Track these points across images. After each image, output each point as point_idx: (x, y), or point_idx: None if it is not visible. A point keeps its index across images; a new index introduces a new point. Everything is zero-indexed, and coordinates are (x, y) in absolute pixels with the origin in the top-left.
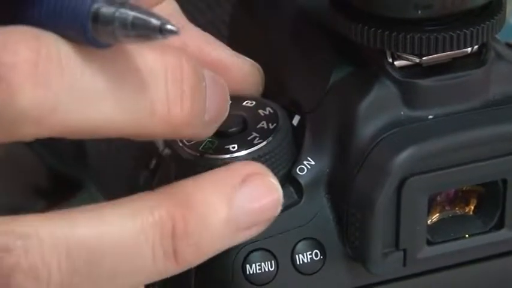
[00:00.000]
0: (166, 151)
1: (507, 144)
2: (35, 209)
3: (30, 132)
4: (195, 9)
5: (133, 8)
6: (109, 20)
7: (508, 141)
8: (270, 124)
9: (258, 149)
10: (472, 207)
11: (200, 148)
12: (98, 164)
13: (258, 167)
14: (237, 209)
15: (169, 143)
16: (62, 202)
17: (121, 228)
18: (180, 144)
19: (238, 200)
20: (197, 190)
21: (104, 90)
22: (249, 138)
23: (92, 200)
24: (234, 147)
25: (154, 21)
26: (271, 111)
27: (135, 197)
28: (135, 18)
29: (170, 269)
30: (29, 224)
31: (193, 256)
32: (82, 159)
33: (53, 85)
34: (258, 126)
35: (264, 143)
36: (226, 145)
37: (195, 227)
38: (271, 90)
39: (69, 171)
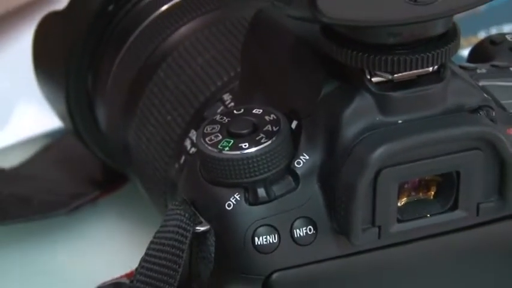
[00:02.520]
0: (193, 150)
1: (459, 144)
2: (92, 196)
3: None
4: (214, 38)
5: None
6: None
7: (460, 141)
8: (273, 127)
9: (264, 147)
10: (433, 193)
11: (219, 146)
12: (140, 160)
13: None
14: None
15: (196, 144)
16: (112, 191)
17: None
18: (204, 144)
19: None
20: None
21: None
22: (257, 138)
23: (135, 189)
24: (245, 145)
25: None
26: (275, 117)
27: None
28: None
29: None
30: None
31: None
32: (128, 157)
33: None
34: (265, 129)
35: (269, 142)
36: (239, 144)
37: None
38: (275, 101)
39: (118, 167)
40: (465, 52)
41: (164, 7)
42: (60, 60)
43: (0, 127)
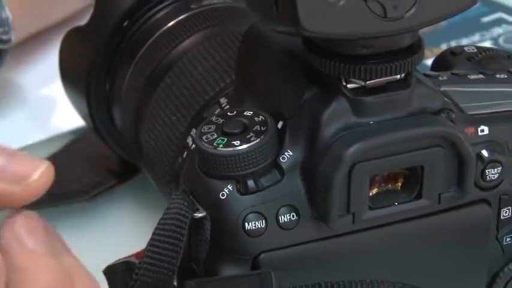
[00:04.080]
0: (193, 146)
1: (423, 142)
2: (110, 185)
3: None
4: (213, 50)
5: None
6: None
7: (424, 139)
8: (262, 127)
9: (253, 144)
10: (400, 184)
11: (214, 143)
12: (149, 155)
13: None
14: None
15: (195, 141)
16: (127, 180)
17: None
18: (202, 142)
19: None
20: None
21: None
22: (247, 137)
23: (146, 179)
24: (237, 143)
25: None
26: (263, 118)
27: None
28: None
29: None
30: None
31: None
32: (139, 152)
33: None
34: (254, 128)
35: (258, 140)
36: (232, 141)
37: None
38: (263, 104)
39: (131, 160)
40: (429, 61)
41: (171, 23)
42: (82, 70)
43: (35, 125)
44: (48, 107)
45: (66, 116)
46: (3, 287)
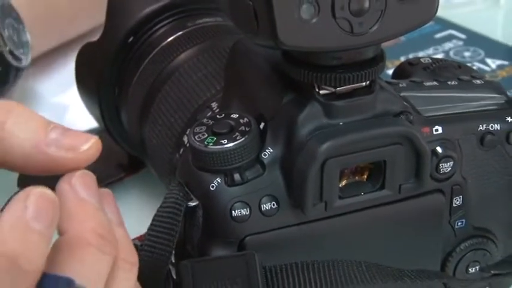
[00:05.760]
0: (188, 143)
1: (385, 140)
2: (119, 176)
3: None
4: (206, 62)
5: None
6: None
7: (386, 137)
8: (246, 128)
9: (239, 143)
10: (366, 176)
11: (205, 142)
12: (152, 151)
13: None
14: None
15: (189, 139)
16: (133, 173)
17: None
18: (194, 140)
19: None
20: None
21: None
22: (234, 136)
23: (150, 172)
24: (225, 141)
25: None
26: (247, 120)
27: None
28: None
29: None
30: None
31: None
32: (144, 149)
33: None
34: (239, 129)
35: (243, 139)
36: (220, 140)
37: None
38: (248, 107)
39: (138, 155)
40: (390, 71)
41: (169, 39)
42: (94, 78)
43: None
44: (66, 110)
45: (81, 118)
46: (54, 226)
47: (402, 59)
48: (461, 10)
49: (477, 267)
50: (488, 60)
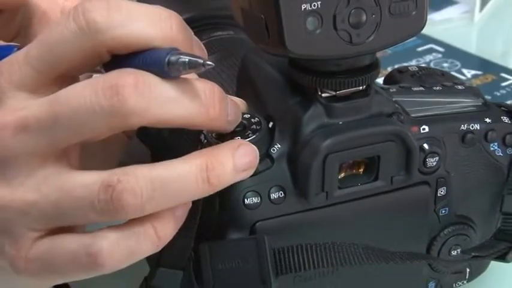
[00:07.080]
0: (205, 141)
1: (380, 137)
2: None
3: (135, 122)
4: (220, 70)
5: (187, 54)
6: (175, 63)
7: (380, 135)
8: (257, 126)
9: (251, 139)
10: (362, 170)
11: (220, 140)
12: (173, 149)
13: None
14: (238, 159)
15: (207, 137)
16: None
17: (180, 170)
18: (212, 138)
19: (238, 154)
20: (217, 150)
21: (176, 98)
22: (246, 134)
23: None
24: (238, 138)
25: (200, 61)
26: (258, 119)
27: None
28: (190, 60)
29: (206, 190)
30: (128, 169)
31: (219, 182)
32: (166, 146)
33: (146, 96)
34: (251, 127)
35: (254, 136)
36: (234, 137)
37: (217, 167)
38: (258, 109)
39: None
40: (380, 80)
41: None
42: None
43: None
44: None
45: None
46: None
47: (389, 69)
48: (440, 27)
49: (458, 250)
50: (464, 71)
